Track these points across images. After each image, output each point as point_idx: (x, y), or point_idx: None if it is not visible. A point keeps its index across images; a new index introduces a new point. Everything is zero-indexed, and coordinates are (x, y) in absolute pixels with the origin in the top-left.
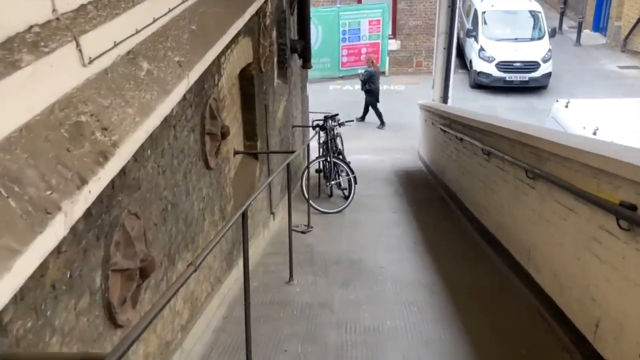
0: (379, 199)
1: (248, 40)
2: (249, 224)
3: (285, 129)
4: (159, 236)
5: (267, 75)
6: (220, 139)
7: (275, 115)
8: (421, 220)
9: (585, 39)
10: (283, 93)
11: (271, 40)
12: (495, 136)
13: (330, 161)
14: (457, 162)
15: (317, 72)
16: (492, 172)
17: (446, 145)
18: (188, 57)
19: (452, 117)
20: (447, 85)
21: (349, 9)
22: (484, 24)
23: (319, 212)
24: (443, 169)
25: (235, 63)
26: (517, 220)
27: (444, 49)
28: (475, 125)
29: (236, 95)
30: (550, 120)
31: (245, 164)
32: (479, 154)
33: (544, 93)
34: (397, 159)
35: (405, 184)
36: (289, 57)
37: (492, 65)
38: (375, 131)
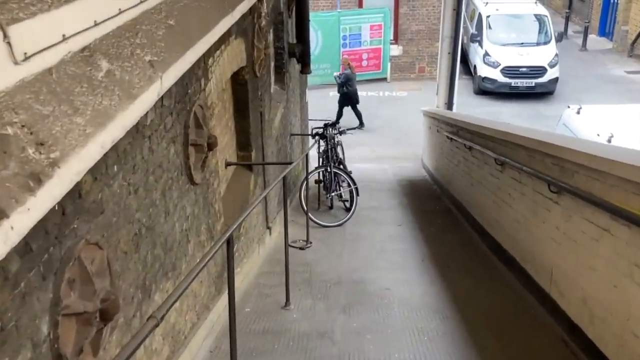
0: (382, 210)
1: (241, 41)
2: (241, 242)
3: (283, 138)
4: (130, 266)
5: (262, 81)
6: (207, 150)
7: (271, 123)
8: (427, 234)
9: (591, 43)
10: (280, 99)
11: (267, 43)
12: (510, 145)
13: (331, 171)
14: (465, 171)
15: (317, 78)
16: (506, 183)
17: (453, 154)
18: (163, 56)
19: (460, 124)
20: (452, 91)
21: (349, 14)
22: (489, 29)
23: (319, 226)
24: (449, 178)
25: (225, 66)
26: (537, 238)
27: (449, 54)
28: (487, 133)
29: (228, 101)
30: (561, 127)
31: (238, 176)
32: (490, 164)
33: (550, 99)
34: (400, 167)
35: (409, 195)
36: (287, 62)
37: (497, 70)
38: (377, 139)
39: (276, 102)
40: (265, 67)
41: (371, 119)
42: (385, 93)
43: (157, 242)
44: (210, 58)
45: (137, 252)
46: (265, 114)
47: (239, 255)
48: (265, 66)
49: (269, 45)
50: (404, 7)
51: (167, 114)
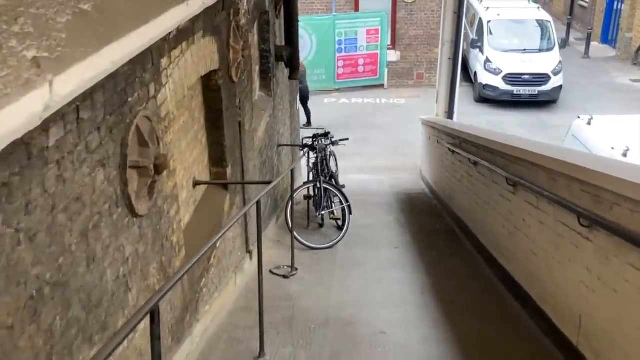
0: (378, 229)
1: (212, 41)
2: (212, 274)
3: (269, 149)
4: (21, 343)
5: (242, 86)
6: (155, 173)
7: (254, 133)
8: (428, 260)
9: (593, 51)
10: (266, 107)
11: (248, 45)
12: (526, 164)
13: (320, 187)
14: (469, 189)
15: (311, 85)
16: (520, 208)
17: (455, 168)
18: (60, 52)
19: (464, 136)
20: (452, 99)
21: (345, 18)
22: (490, 34)
23: (307, 248)
24: (451, 194)
25: (189, 69)
26: (560, 277)
27: (449, 59)
28: (497, 149)
29: (198, 110)
30: (570, 139)
31: (210, 197)
32: (501, 184)
33: (554, 108)
34: (397, 179)
35: (407, 211)
36: (274, 66)
37: (498, 77)
38: (373, 148)
39: (260, 110)
40: (245, 71)
41: (367, 128)
42: (382, 100)
43: (74, 301)
44: (165, 58)
45: (35, 322)
46: (245, 124)
47: (209, 290)
48: (246, 70)
49: (249, 46)
50: (401, 11)
51: (91, 130)
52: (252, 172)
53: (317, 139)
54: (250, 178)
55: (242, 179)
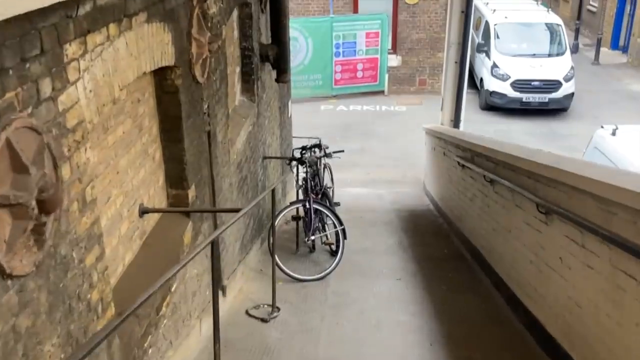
0: (377, 255)
1: (162, 28)
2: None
3: (252, 163)
4: None
5: (211, 88)
6: (40, 212)
7: (230, 145)
8: (436, 296)
9: (603, 57)
10: (248, 114)
11: (218, 38)
12: (565, 188)
13: (310, 208)
14: (484, 210)
15: (307, 90)
16: (555, 242)
17: (466, 185)
18: None
19: (478, 149)
20: (459, 107)
21: (343, 20)
22: (497, 38)
23: (293, 280)
24: (460, 214)
25: (122, 63)
26: (620, 344)
27: (456, 63)
28: (523, 166)
29: (148, 118)
30: (591, 152)
31: (165, 227)
32: (527, 209)
33: (564, 116)
34: (399, 193)
35: (410, 231)
36: (258, 67)
37: (506, 84)
38: (373, 159)
39: (241, 117)
40: (217, 70)
41: (366, 137)
42: (383, 107)
43: None
44: (72, 44)
45: None
46: (217, 134)
47: (158, 350)
48: (218, 70)
49: (222, 41)
50: (403, 13)
51: None
52: (228, 191)
53: (307, 151)
54: (225, 198)
55: (213, 201)
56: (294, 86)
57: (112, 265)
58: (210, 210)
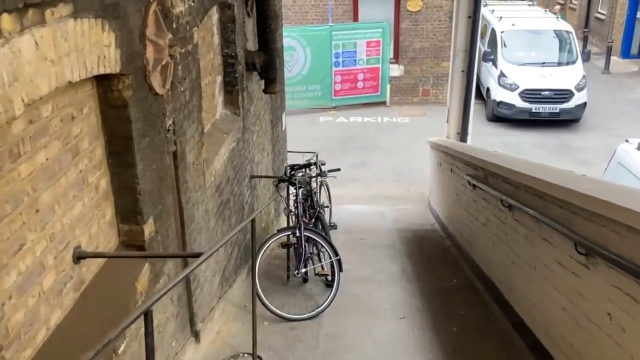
0: (378, 286)
1: (99, 26)
2: None
3: (236, 184)
4: None
5: (178, 101)
6: None
7: (206, 166)
8: (446, 341)
9: (613, 66)
10: (230, 129)
11: (184, 41)
12: (616, 226)
13: (301, 236)
14: (500, 239)
15: (305, 102)
16: (600, 292)
17: (477, 207)
18: None
19: (492, 167)
20: (466, 118)
21: (343, 28)
22: (504, 46)
23: (280, 319)
24: (471, 238)
25: (27, 69)
26: None
27: (462, 72)
28: (555, 194)
29: (88, 139)
30: (614, 168)
31: (112, 273)
32: (559, 246)
33: (576, 127)
34: (402, 211)
35: (414, 256)
36: (243, 77)
37: (515, 94)
38: (374, 173)
39: (221, 133)
40: (186, 79)
41: (367, 150)
42: (384, 119)
43: None
44: None
45: None
46: (187, 154)
47: None
48: (187, 78)
49: (188, 43)
50: (405, 21)
51: None
52: (203, 219)
53: (297, 170)
54: (199, 228)
55: (182, 233)
56: (292, 97)
57: (28, 332)
58: (157, 256)
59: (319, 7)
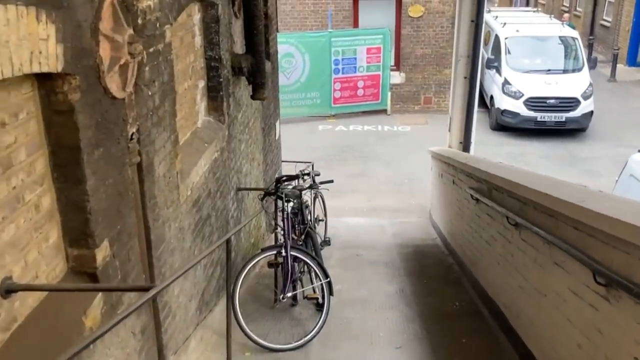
0: (373, 309)
1: (32, 15)
2: None
3: (218, 198)
4: None
5: (143, 107)
6: None
7: (181, 179)
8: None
9: (620, 74)
10: (213, 138)
11: (153, 39)
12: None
13: (287, 257)
14: (506, 260)
15: (304, 109)
16: (626, 331)
17: (481, 223)
18: None
19: (496, 181)
20: (469, 127)
21: (342, 35)
22: (508, 53)
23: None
24: (474, 256)
25: None
26: None
27: (465, 79)
28: (569, 213)
29: (25, 150)
30: (626, 180)
31: (53, 308)
32: (574, 273)
33: (583, 137)
34: (402, 224)
35: (414, 274)
36: (229, 81)
37: (519, 102)
38: (374, 184)
39: (202, 142)
40: (153, 82)
41: (367, 159)
42: (385, 127)
43: None
44: None
45: None
46: (156, 166)
47: None
48: (156, 81)
49: (158, 42)
50: (406, 27)
51: None
52: (176, 238)
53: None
54: (171, 249)
55: (149, 255)
56: (290, 105)
57: None
58: (93, 289)
59: (318, 12)
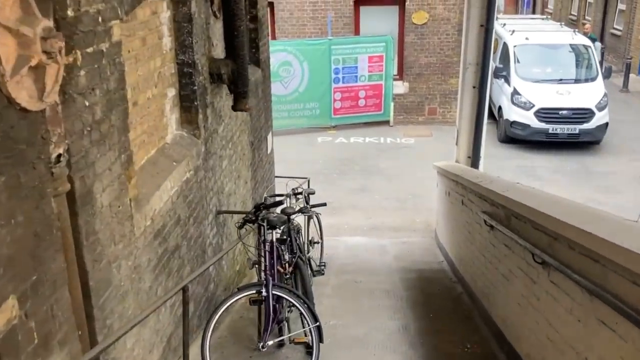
0: (371, 354)
1: None
2: None
3: (190, 225)
4: None
5: (76, 121)
6: None
7: (136, 207)
8: None
9: (632, 84)
10: (185, 155)
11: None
12: None
13: (269, 296)
14: (530, 302)
15: (302, 120)
16: None
17: (496, 254)
18: None
19: (517, 208)
20: (478, 141)
21: (343, 42)
22: (517, 62)
23: None
24: (489, 290)
25: None
26: None
27: (474, 88)
28: (619, 261)
29: None
30: None
31: None
32: (625, 335)
33: (597, 150)
34: (405, 245)
35: (419, 306)
36: (206, 90)
37: (529, 113)
38: (375, 200)
39: (170, 160)
40: (93, 89)
41: (368, 173)
42: (387, 140)
43: None
44: None
45: None
46: (97, 195)
47: None
48: (97, 89)
49: (99, 41)
50: (410, 34)
51: None
52: (130, 279)
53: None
54: (121, 293)
55: (88, 305)
56: (288, 116)
57: None
58: None
59: (317, 19)
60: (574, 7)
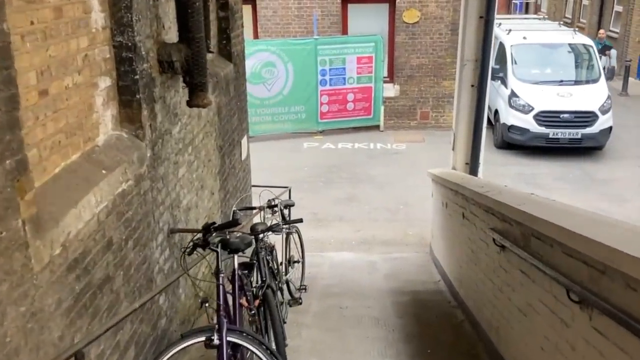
0: None
1: None
2: None
3: (128, 249)
4: None
5: None
6: None
7: (34, 231)
8: None
9: (632, 87)
10: (121, 161)
11: None
12: None
13: (223, 344)
14: (558, 349)
15: (287, 125)
16: None
17: (510, 282)
18: None
19: (541, 226)
20: (476, 145)
21: (330, 42)
22: (514, 63)
23: None
24: (499, 324)
25: None
26: None
27: (472, 87)
28: None
29: None
30: None
31: None
32: None
33: (600, 155)
34: (397, 261)
35: (414, 339)
36: (153, 80)
37: (529, 116)
38: (364, 211)
39: (98, 168)
40: None
41: (357, 181)
42: (377, 145)
43: None
44: None
45: None
46: None
47: None
48: None
49: None
50: (401, 34)
51: None
52: (22, 331)
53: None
54: (5, 352)
55: None
56: (272, 120)
57: None
58: None
59: (302, 17)
60: (569, 9)
